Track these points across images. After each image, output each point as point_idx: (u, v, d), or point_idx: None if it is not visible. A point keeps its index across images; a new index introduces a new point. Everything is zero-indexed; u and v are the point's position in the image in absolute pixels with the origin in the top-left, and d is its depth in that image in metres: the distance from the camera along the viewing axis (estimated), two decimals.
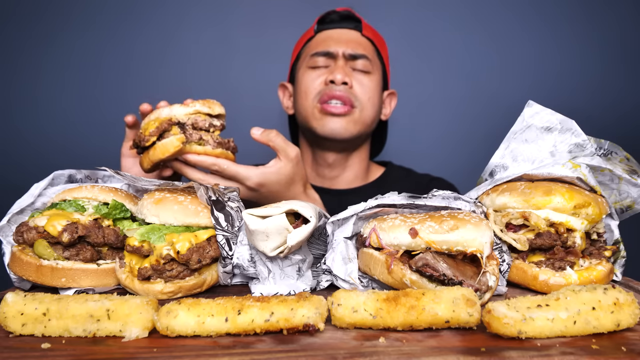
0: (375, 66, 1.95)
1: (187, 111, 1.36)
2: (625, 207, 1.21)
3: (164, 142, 1.33)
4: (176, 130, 1.35)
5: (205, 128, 1.38)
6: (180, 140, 1.32)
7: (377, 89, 1.95)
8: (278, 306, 0.81)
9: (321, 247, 1.12)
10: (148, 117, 1.38)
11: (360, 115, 1.89)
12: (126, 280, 1.01)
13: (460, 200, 1.09)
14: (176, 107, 1.36)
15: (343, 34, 1.95)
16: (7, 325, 0.80)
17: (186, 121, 1.36)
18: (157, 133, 1.33)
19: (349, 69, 1.90)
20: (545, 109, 1.17)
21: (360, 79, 1.91)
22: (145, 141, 1.33)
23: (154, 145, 1.34)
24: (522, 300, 0.81)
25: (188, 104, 1.37)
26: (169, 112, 1.36)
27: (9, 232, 1.09)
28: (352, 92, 1.87)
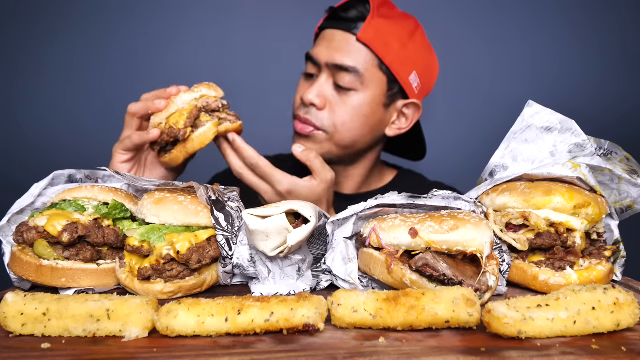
0: (370, 79, 1.67)
1: (195, 96, 1.35)
2: (625, 207, 1.21)
3: (202, 131, 1.31)
4: (206, 116, 1.33)
5: (218, 108, 1.37)
6: (216, 125, 1.32)
7: (363, 109, 1.69)
8: (278, 306, 0.81)
9: (321, 247, 1.12)
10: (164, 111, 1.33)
11: (327, 139, 1.70)
12: (126, 280, 1.01)
13: (460, 200, 1.09)
14: (185, 95, 1.34)
15: (334, 37, 1.69)
16: (7, 325, 0.80)
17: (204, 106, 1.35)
18: (191, 123, 1.31)
19: (328, 86, 1.69)
20: (545, 109, 1.17)
21: (340, 99, 1.68)
22: (182, 135, 1.30)
23: (190, 137, 1.31)
24: (522, 300, 0.81)
25: (194, 90, 1.35)
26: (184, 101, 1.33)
27: (9, 232, 1.09)
28: (320, 115, 1.68)
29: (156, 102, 1.33)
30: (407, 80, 1.73)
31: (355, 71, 1.65)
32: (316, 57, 1.70)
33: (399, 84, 1.72)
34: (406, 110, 1.81)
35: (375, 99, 1.71)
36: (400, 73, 1.70)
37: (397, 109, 1.79)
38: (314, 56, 1.70)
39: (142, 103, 1.36)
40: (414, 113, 1.82)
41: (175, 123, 1.31)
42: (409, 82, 1.74)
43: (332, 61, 1.66)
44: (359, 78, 1.66)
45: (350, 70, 1.65)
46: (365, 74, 1.66)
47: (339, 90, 1.68)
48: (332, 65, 1.66)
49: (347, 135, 1.71)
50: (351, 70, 1.65)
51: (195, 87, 1.37)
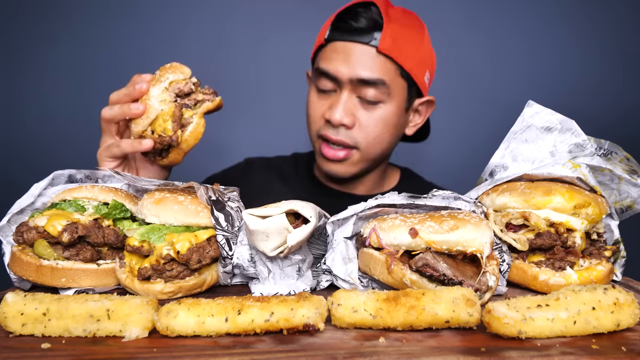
0: (394, 88, 1.64)
1: (164, 86, 1.29)
2: (625, 207, 1.21)
3: (192, 128, 1.29)
4: (188, 111, 1.30)
5: (191, 90, 1.32)
6: (202, 116, 1.30)
7: (391, 119, 1.67)
8: (278, 306, 0.81)
9: (321, 247, 1.12)
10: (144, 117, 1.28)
11: (362, 156, 1.69)
12: (126, 280, 1.01)
13: (460, 200, 1.09)
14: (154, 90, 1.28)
15: (353, 51, 1.60)
16: (7, 325, 0.80)
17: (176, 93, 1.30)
18: (179, 126, 1.28)
19: (353, 102, 1.63)
20: (545, 109, 1.17)
21: (368, 113, 1.64)
22: (175, 141, 1.28)
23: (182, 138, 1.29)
24: (522, 300, 0.81)
25: (160, 79, 1.30)
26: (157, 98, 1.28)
27: (9, 232, 1.09)
28: (352, 134, 1.64)
29: (132, 108, 1.26)
30: (423, 81, 1.72)
31: (382, 84, 1.60)
32: (335, 73, 1.61)
33: (417, 85, 1.71)
34: (421, 107, 1.81)
35: (399, 107, 1.69)
36: (417, 75, 1.69)
37: (414, 108, 1.78)
38: (331, 72, 1.62)
39: (117, 108, 1.29)
40: (427, 108, 1.83)
41: (164, 130, 1.27)
42: (424, 82, 1.73)
43: (357, 76, 1.59)
44: (386, 90, 1.62)
45: (377, 84, 1.60)
46: (391, 86, 1.62)
47: (365, 105, 1.63)
48: (357, 81, 1.60)
49: (379, 148, 1.71)
50: (379, 84, 1.60)
51: (160, 75, 1.31)
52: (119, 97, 1.31)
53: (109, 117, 1.31)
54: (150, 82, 1.29)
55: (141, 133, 1.30)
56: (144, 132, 1.30)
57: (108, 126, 1.35)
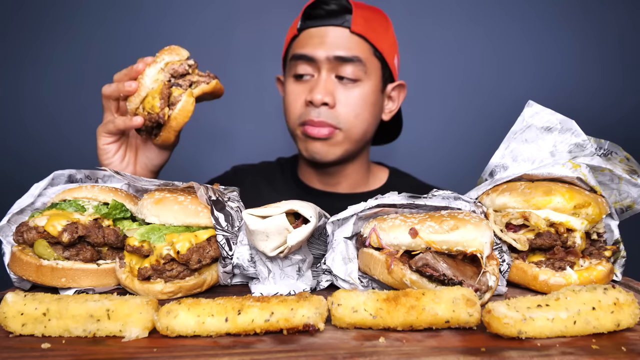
0: (370, 67, 1.69)
1: (160, 67, 1.31)
2: (625, 207, 1.21)
3: (180, 106, 1.29)
4: (178, 89, 1.31)
5: (186, 71, 1.34)
6: (191, 95, 1.30)
7: (370, 97, 1.70)
8: (278, 306, 0.81)
9: (321, 247, 1.12)
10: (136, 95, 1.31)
11: (345, 136, 1.69)
12: (126, 280, 1.01)
13: (460, 200, 1.09)
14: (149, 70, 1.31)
15: (327, 33, 1.66)
16: (7, 325, 0.80)
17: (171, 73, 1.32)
18: (166, 103, 1.29)
19: (332, 82, 1.66)
20: (545, 109, 1.17)
21: (347, 92, 1.66)
22: (162, 117, 1.29)
23: (171, 116, 1.30)
24: (522, 300, 0.81)
25: (156, 60, 1.32)
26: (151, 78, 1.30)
27: (9, 232, 1.09)
28: (334, 114, 1.65)
29: (126, 85, 1.30)
30: (393, 63, 1.79)
31: (358, 61, 1.65)
32: (313, 54, 1.65)
33: (389, 68, 1.77)
34: (393, 92, 1.84)
35: (376, 86, 1.73)
36: (388, 57, 1.75)
37: (387, 93, 1.82)
38: (309, 54, 1.66)
39: (114, 86, 1.35)
40: (399, 93, 1.86)
41: (152, 108, 1.29)
42: (394, 65, 1.80)
43: (334, 55, 1.64)
44: (363, 67, 1.66)
45: (354, 61, 1.64)
46: (367, 63, 1.67)
47: (344, 83, 1.67)
48: (334, 58, 1.64)
49: (361, 127, 1.71)
50: (355, 60, 1.64)
51: (157, 57, 1.33)
52: (119, 76, 1.36)
53: (107, 93, 1.37)
54: (148, 64, 1.32)
55: (135, 111, 1.33)
56: (136, 109, 1.33)
57: (107, 103, 1.40)
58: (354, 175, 1.88)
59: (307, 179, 1.92)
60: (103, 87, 1.38)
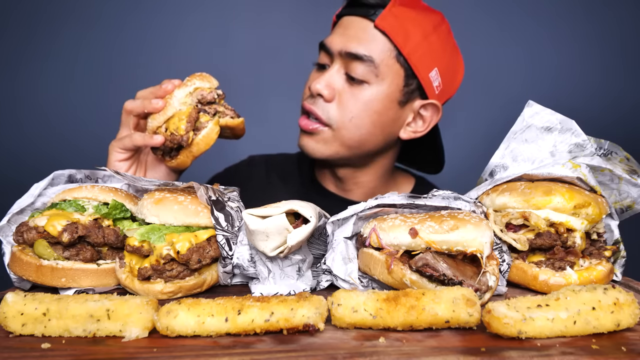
0: (385, 71, 1.53)
1: (189, 90, 1.31)
2: (625, 207, 1.21)
3: (205, 133, 1.29)
4: (205, 116, 1.30)
5: (214, 100, 1.33)
6: (217, 124, 1.29)
7: (375, 104, 1.55)
8: (278, 306, 0.81)
9: (321, 247, 1.12)
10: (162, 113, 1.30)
11: (335, 136, 1.57)
12: (126, 280, 1.01)
13: (460, 200, 1.09)
14: (178, 92, 1.30)
15: (351, 24, 1.55)
16: (7, 325, 0.80)
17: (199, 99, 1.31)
18: (192, 127, 1.28)
19: (339, 77, 1.56)
20: (545, 109, 1.17)
21: (351, 92, 1.55)
22: (185, 140, 1.27)
23: (194, 141, 1.29)
24: (522, 300, 0.81)
25: (187, 84, 1.31)
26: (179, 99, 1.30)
27: (9, 232, 1.09)
28: (326, 108, 1.55)
29: (153, 102, 1.28)
30: (427, 77, 1.57)
31: (369, 60, 1.51)
32: (329, 45, 1.56)
33: (418, 80, 1.57)
34: (424, 111, 1.65)
35: (389, 95, 1.56)
36: (420, 67, 1.55)
37: (414, 109, 1.63)
38: (326, 44, 1.58)
39: (139, 101, 1.32)
40: (432, 115, 1.65)
41: (176, 129, 1.28)
42: (429, 80, 1.58)
43: (345, 49, 1.52)
44: (374, 69, 1.52)
45: (364, 60, 1.51)
46: (380, 65, 1.52)
47: (351, 82, 1.54)
48: (345, 54, 1.53)
49: (356, 133, 1.57)
50: (365, 60, 1.51)
51: (187, 80, 1.32)
52: (144, 93, 1.34)
53: (130, 108, 1.33)
54: (176, 85, 1.31)
55: (155, 129, 1.31)
56: (158, 128, 1.31)
57: (127, 118, 1.37)
58: (369, 184, 1.77)
59: (322, 179, 1.85)
60: (126, 102, 1.34)
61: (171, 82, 1.32)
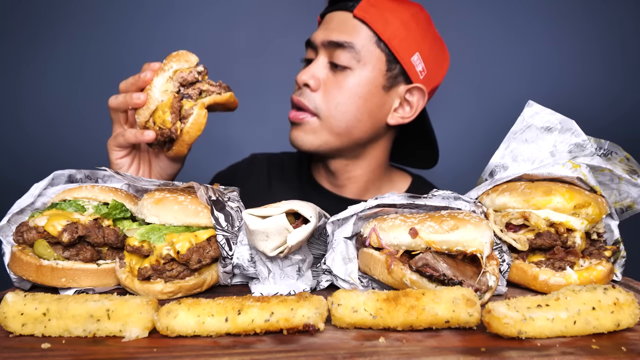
0: (366, 57, 1.57)
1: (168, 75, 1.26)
2: (625, 207, 1.21)
3: (192, 120, 1.25)
4: (188, 102, 1.26)
5: (196, 79, 1.28)
6: (203, 107, 1.26)
7: (359, 89, 1.58)
8: (278, 306, 0.81)
9: (321, 247, 1.12)
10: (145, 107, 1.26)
11: (322, 125, 1.60)
12: (126, 280, 1.01)
13: (460, 200, 1.09)
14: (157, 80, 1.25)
15: (332, 17, 1.62)
16: (7, 325, 0.80)
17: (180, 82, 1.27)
18: (178, 118, 1.25)
19: (324, 67, 1.60)
20: (545, 109, 1.17)
21: (335, 79, 1.58)
22: (174, 132, 1.25)
23: (183, 130, 1.26)
24: (522, 300, 0.81)
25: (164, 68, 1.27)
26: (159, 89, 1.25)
27: (9, 232, 1.09)
28: (313, 96, 1.59)
29: (134, 97, 1.25)
30: (409, 62, 1.61)
31: (350, 47, 1.55)
32: (313, 39, 1.62)
33: (400, 64, 1.61)
34: (410, 97, 1.66)
35: (372, 80, 1.59)
36: (401, 52, 1.59)
37: (400, 94, 1.66)
38: (311, 39, 1.63)
39: (122, 97, 1.29)
40: (418, 100, 1.67)
41: (163, 123, 1.25)
42: (412, 64, 1.62)
43: (327, 39, 1.57)
44: (355, 55, 1.56)
45: (345, 47, 1.55)
46: (361, 51, 1.56)
47: (334, 71, 1.59)
48: (328, 43, 1.57)
49: (342, 119, 1.59)
50: (347, 46, 1.55)
51: (164, 64, 1.28)
52: (126, 85, 1.31)
53: (114, 106, 1.31)
54: (156, 71, 1.27)
55: (144, 124, 1.29)
56: (146, 122, 1.28)
57: (115, 115, 1.36)
58: (362, 178, 1.78)
59: (317, 177, 1.86)
60: (110, 99, 1.32)
61: (150, 67, 1.28)
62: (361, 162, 1.75)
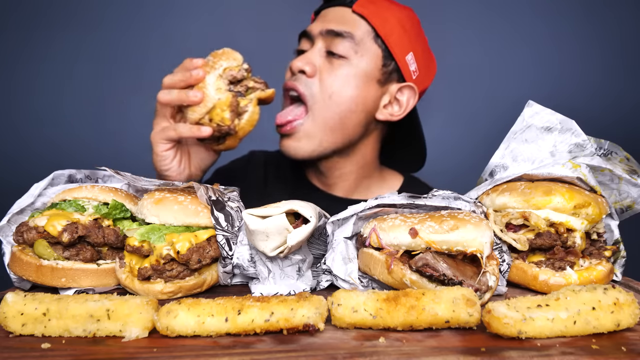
0: (363, 49, 1.57)
1: (219, 73, 1.32)
2: (625, 207, 1.21)
3: (247, 117, 1.32)
4: (244, 100, 1.32)
5: (244, 77, 1.34)
6: (256, 105, 1.33)
7: (354, 80, 1.57)
8: (278, 306, 0.81)
9: (321, 247, 1.12)
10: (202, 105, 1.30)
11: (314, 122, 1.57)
12: (126, 280, 1.01)
13: (460, 200, 1.09)
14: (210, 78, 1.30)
15: (329, 12, 1.63)
16: (7, 325, 0.80)
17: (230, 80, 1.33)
18: (236, 116, 1.32)
19: (320, 55, 1.58)
20: (545, 109, 1.17)
21: (331, 67, 1.56)
22: (233, 129, 1.30)
23: (238, 126, 1.32)
24: (522, 300, 0.81)
25: (214, 66, 1.32)
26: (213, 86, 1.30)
27: (9, 232, 1.09)
28: (309, 82, 1.56)
29: (190, 95, 1.28)
30: (404, 60, 1.63)
31: (350, 37, 1.56)
32: (310, 30, 1.62)
33: (395, 62, 1.63)
34: (400, 95, 1.67)
35: (368, 72, 1.60)
36: (396, 50, 1.61)
37: (391, 92, 1.67)
38: (307, 30, 1.63)
39: (175, 94, 1.31)
40: (409, 99, 1.68)
41: (222, 120, 1.30)
42: (406, 62, 1.64)
43: (327, 28, 1.58)
44: (354, 46, 1.56)
45: (345, 36, 1.56)
46: (360, 43, 1.57)
47: (331, 60, 1.58)
48: (327, 32, 1.57)
49: (336, 110, 1.57)
50: (346, 36, 1.56)
51: (213, 62, 1.32)
52: (173, 81, 1.33)
53: (166, 101, 1.33)
54: (204, 69, 1.31)
55: (198, 120, 1.32)
56: (200, 119, 1.32)
57: (163, 109, 1.37)
58: (351, 176, 1.77)
59: (309, 176, 1.85)
60: (160, 94, 1.33)
61: (194, 63, 1.31)
62: (351, 159, 1.74)
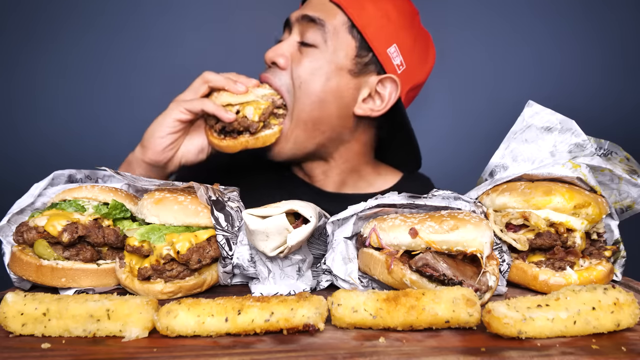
0: (334, 38, 1.51)
1: (265, 92, 1.36)
2: (625, 207, 1.21)
3: (269, 132, 1.34)
4: (274, 119, 1.35)
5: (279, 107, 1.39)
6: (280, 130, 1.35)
7: (322, 70, 1.51)
8: (278, 306, 0.81)
9: (321, 247, 1.12)
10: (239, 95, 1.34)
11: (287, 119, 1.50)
12: (126, 280, 1.01)
13: (460, 200, 1.09)
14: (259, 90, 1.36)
15: (309, 3, 1.59)
16: (7, 325, 0.80)
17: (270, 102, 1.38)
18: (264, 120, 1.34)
19: (294, 44, 1.55)
20: (545, 109, 1.17)
21: (300, 56, 1.52)
22: (254, 127, 1.31)
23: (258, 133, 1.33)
24: (522, 300, 0.81)
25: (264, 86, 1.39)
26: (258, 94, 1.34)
27: (9, 232, 1.09)
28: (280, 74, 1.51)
29: (238, 85, 1.33)
30: (384, 52, 1.55)
31: (321, 24, 1.51)
32: (290, 17, 1.59)
33: (374, 53, 1.55)
34: (381, 89, 1.58)
35: (338, 62, 1.52)
36: (375, 41, 1.53)
37: (371, 85, 1.58)
38: (288, 18, 1.60)
39: (223, 78, 1.35)
40: (390, 92, 1.58)
41: (251, 114, 1.32)
42: (387, 55, 1.55)
43: (302, 13, 1.54)
44: (324, 34, 1.51)
45: (317, 23, 1.51)
46: (331, 31, 1.51)
47: (301, 49, 1.54)
48: (301, 17, 1.54)
49: (307, 101, 1.49)
50: (318, 22, 1.51)
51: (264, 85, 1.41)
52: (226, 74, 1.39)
53: (210, 78, 1.38)
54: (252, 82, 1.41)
55: (226, 105, 1.35)
56: (229, 105, 1.35)
57: (201, 86, 1.41)
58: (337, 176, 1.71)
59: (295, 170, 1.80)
60: (206, 72, 1.39)
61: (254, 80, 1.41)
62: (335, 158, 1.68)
